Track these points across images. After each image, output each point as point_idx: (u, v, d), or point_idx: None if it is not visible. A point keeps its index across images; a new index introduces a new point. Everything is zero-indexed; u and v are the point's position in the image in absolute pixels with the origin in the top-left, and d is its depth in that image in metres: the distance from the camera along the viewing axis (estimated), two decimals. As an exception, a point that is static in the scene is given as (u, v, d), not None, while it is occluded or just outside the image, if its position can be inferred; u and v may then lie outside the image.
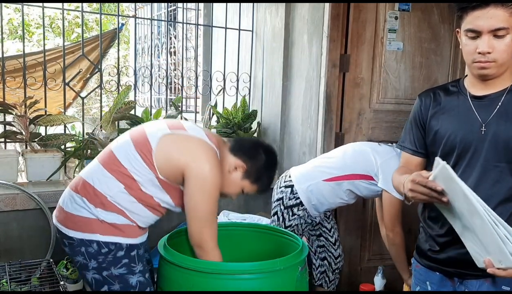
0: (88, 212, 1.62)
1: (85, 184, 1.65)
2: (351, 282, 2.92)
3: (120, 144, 1.70)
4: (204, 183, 1.61)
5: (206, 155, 1.63)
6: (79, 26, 8.62)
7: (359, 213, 2.91)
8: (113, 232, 1.62)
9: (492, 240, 1.11)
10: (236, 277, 1.61)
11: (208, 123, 3.30)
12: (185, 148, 1.64)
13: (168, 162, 1.62)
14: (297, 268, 1.68)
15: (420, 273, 1.53)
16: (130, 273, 1.65)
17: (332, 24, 2.73)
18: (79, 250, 1.64)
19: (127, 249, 1.64)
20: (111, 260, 1.63)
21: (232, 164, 1.74)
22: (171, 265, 1.67)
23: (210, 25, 3.58)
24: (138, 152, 1.63)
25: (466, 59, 1.34)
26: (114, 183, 1.62)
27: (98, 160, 1.71)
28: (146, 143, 1.63)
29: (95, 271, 1.64)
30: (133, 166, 1.62)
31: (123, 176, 1.62)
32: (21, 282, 2.04)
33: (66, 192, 1.71)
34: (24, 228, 2.48)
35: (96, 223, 1.62)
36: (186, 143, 1.66)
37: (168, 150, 1.63)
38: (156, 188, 1.65)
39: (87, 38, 4.08)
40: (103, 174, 1.64)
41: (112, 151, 1.68)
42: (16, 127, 2.67)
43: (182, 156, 1.61)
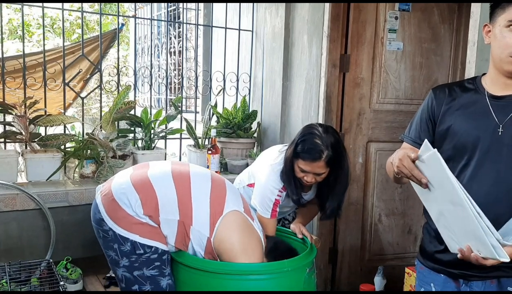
0: (134, 212, 1.61)
1: (151, 191, 1.64)
2: (351, 282, 2.92)
3: (199, 174, 1.73)
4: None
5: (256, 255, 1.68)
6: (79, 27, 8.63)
7: (359, 213, 2.91)
8: (153, 236, 1.62)
9: (473, 231, 1.13)
10: (244, 277, 1.62)
11: (208, 123, 3.30)
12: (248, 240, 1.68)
13: (226, 238, 1.64)
14: (305, 269, 1.68)
15: (424, 274, 1.51)
16: (161, 275, 1.66)
17: (332, 24, 2.73)
18: (112, 246, 1.63)
19: (161, 253, 1.65)
20: (144, 261, 1.63)
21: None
22: (180, 265, 1.67)
23: (210, 25, 3.58)
24: (210, 205, 1.64)
25: (500, 53, 1.28)
26: (174, 211, 1.63)
27: (172, 170, 1.70)
28: (222, 201, 1.67)
29: (126, 269, 1.63)
30: (199, 211, 1.63)
31: (184, 211, 1.63)
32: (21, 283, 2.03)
33: (126, 185, 1.67)
34: (24, 228, 2.47)
35: (137, 224, 1.61)
36: (250, 236, 1.69)
37: (233, 229, 1.66)
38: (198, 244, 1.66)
39: (87, 38, 4.08)
40: (171, 193, 1.64)
41: (190, 175, 1.70)
42: (16, 127, 2.67)
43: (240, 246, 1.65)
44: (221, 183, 1.75)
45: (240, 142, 3.24)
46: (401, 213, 2.96)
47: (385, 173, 2.85)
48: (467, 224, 1.14)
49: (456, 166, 1.38)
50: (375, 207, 2.93)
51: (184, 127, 3.21)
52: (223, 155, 3.21)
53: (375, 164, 2.89)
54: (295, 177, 1.89)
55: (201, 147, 3.15)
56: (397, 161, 1.27)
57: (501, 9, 1.28)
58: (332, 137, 1.83)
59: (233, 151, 3.25)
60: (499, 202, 1.28)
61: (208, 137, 3.18)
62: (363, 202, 2.91)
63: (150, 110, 3.11)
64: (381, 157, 2.87)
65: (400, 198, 2.94)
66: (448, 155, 1.39)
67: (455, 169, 1.38)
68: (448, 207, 1.19)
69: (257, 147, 3.36)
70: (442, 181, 1.16)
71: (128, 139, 2.90)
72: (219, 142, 3.23)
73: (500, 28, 1.28)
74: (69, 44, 4.63)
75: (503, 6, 1.28)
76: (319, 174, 1.83)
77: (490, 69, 1.38)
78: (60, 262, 2.37)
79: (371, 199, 2.92)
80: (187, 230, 1.64)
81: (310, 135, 1.83)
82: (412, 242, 2.99)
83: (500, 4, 1.28)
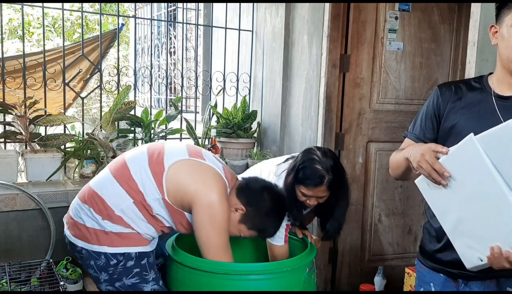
0: (96, 223, 1.61)
1: (94, 195, 1.64)
2: (351, 282, 2.92)
3: (135, 156, 1.69)
4: (213, 214, 1.59)
5: (216, 186, 1.61)
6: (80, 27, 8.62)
7: (359, 213, 2.91)
8: (120, 243, 1.61)
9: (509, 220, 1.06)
10: (244, 277, 1.62)
11: (208, 123, 3.30)
12: (197, 175, 1.63)
13: (178, 186, 1.60)
14: (305, 269, 1.68)
15: (424, 274, 1.51)
16: (143, 281, 1.65)
17: (332, 24, 2.72)
18: (89, 263, 1.63)
19: (137, 258, 1.63)
20: (122, 271, 1.62)
21: (233, 204, 1.70)
22: (179, 265, 1.67)
23: (210, 25, 3.58)
24: (151, 169, 1.62)
25: (509, 53, 1.27)
26: (124, 197, 1.61)
27: (109, 169, 1.69)
28: (161, 162, 1.63)
29: (108, 283, 1.63)
30: (143, 182, 1.61)
31: (132, 191, 1.61)
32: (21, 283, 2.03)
33: (75, 202, 1.71)
34: (24, 228, 2.47)
35: (102, 235, 1.61)
36: (200, 171, 1.64)
37: (180, 174, 1.61)
38: (162, 209, 1.64)
39: (87, 38, 4.08)
40: (114, 187, 1.62)
41: (126, 161, 1.67)
42: (16, 127, 2.67)
43: (192, 183, 1.60)
44: (158, 148, 1.70)
45: (240, 142, 3.24)
46: (401, 213, 2.96)
47: (385, 173, 2.87)
48: (502, 214, 1.07)
49: None
50: (375, 207, 2.93)
51: (184, 127, 3.21)
52: (223, 155, 3.22)
53: (375, 164, 2.89)
54: (297, 201, 1.88)
55: (201, 147, 3.15)
56: (419, 155, 1.22)
57: (508, 9, 1.27)
58: (332, 160, 1.82)
59: (233, 151, 3.25)
60: None
61: (208, 137, 3.18)
62: (363, 202, 2.91)
63: (150, 110, 3.11)
64: (381, 157, 2.87)
65: (400, 198, 2.94)
66: None
67: None
68: (475, 206, 1.13)
69: (257, 147, 3.36)
70: (474, 172, 1.10)
71: (128, 139, 2.90)
72: (219, 142, 3.23)
73: (507, 27, 1.27)
74: (69, 44, 4.63)
75: (510, 6, 1.27)
76: (321, 197, 1.84)
77: (497, 69, 1.37)
78: (60, 262, 2.37)
79: (371, 199, 2.92)
80: (146, 205, 1.62)
81: (310, 161, 1.82)
82: (412, 242, 2.99)
83: (507, 4, 1.28)
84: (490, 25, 1.36)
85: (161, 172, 1.61)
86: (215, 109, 3.35)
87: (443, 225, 1.26)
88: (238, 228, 1.73)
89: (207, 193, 1.59)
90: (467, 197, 1.15)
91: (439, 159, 1.21)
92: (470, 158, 1.11)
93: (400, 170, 1.43)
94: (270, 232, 1.79)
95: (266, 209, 1.72)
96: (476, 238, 1.16)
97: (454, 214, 1.20)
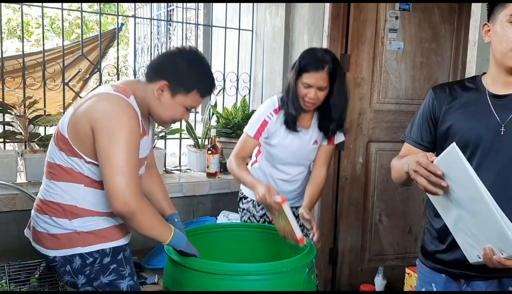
0: (62, 229, 1.53)
1: (47, 203, 1.56)
2: (351, 283, 2.92)
3: (48, 151, 1.59)
4: (112, 132, 1.40)
5: (105, 105, 1.44)
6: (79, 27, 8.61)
7: (359, 213, 2.90)
8: (94, 241, 1.54)
9: (494, 228, 1.08)
10: (242, 278, 1.60)
11: (208, 123, 3.30)
12: (85, 112, 1.46)
13: (81, 138, 1.46)
14: (304, 269, 1.67)
15: (425, 274, 1.51)
16: (120, 278, 1.60)
17: (332, 24, 2.72)
18: (64, 270, 1.57)
19: (112, 253, 1.58)
20: (99, 269, 1.56)
21: (154, 89, 1.52)
22: (178, 266, 1.66)
23: (210, 25, 3.57)
24: (59, 149, 1.51)
25: (503, 49, 1.27)
26: (74, 187, 1.52)
27: (44, 176, 1.62)
28: (61, 136, 1.50)
29: (86, 285, 1.57)
30: (70, 163, 1.50)
31: (74, 178, 1.51)
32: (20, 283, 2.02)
33: (33, 214, 1.63)
34: (23, 228, 2.45)
35: (74, 236, 1.53)
36: (85, 106, 1.48)
37: (76, 126, 1.47)
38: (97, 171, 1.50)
39: (87, 38, 4.07)
40: (59, 186, 1.53)
41: (47, 160, 1.59)
42: (15, 127, 2.66)
43: (85, 122, 1.43)
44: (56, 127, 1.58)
45: (240, 142, 3.23)
46: (402, 213, 2.95)
47: (386, 173, 2.87)
48: (488, 221, 1.09)
49: None
50: (376, 207, 2.92)
51: (184, 127, 3.20)
52: (223, 155, 3.21)
53: (376, 164, 2.88)
54: (297, 97, 1.97)
55: (201, 147, 3.15)
56: (414, 164, 1.21)
57: (501, 6, 1.28)
58: (332, 55, 1.95)
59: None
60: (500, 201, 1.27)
61: (208, 137, 3.18)
62: (364, 202, 2.90)
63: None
64: (381, 157, 2.87)
65: (400, 198, 2.93)
66: None
67: None
68: (467, 207, 1.15)
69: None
70: (459, 177, 1.12)
71: (128, 139, 2.89)
72: (219, 142, 3.22)
73: (501, 24, 1.27)
74: (69, 43, 4.63)
75: (503, 4, 1.28)
76: (321, 89, 1.92)
77: (490, 68, 1.37)
78: (60, 262, 2.37)
79: (372, 199, 2.91)
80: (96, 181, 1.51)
81: (311, 51, 1.98)
82: (412, 242, 2.99)
83: (500, 2, 1.29)
84: (483, 24, 1.36)
85: (66, 142, 1.48)
86: (215, 109, 3.35)
87: (445, 221, 1.27)
88: (177, 102, 1.55)
89: (97, 117, 1.42)
90: (460, 200, 1.17)
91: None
92: (454, 167, 1.13)
93: (401, 180, 1.43)
94: (204, 82, 1.58)
95: (183, 63, 1.53)
96: (473, 236, 1.18)
97: (453, 213, 1.22)
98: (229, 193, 3.03)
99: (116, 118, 1.42)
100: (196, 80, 1.54)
